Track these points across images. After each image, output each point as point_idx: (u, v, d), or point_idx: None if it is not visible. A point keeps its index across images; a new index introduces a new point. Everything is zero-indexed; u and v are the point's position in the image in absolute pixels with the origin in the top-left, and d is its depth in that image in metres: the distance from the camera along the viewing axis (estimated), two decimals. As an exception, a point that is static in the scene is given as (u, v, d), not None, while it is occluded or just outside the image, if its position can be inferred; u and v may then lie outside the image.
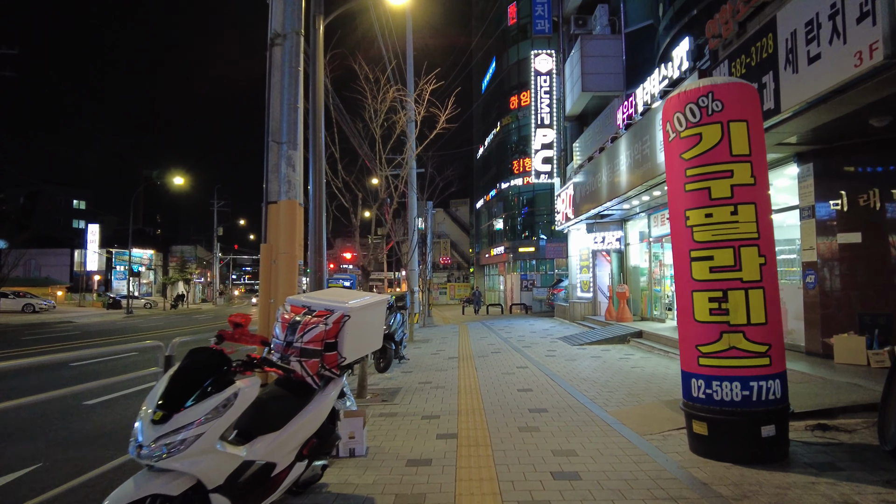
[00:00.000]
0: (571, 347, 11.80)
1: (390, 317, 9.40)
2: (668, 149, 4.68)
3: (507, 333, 15.61)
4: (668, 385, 7.28)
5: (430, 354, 11.32)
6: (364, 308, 3.76)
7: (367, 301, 3.85)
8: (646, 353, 10.45)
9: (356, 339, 3.66)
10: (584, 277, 18.21)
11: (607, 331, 13.21)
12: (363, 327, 3.78)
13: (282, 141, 4.62)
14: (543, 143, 19.48)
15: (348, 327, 3.56)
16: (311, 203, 6.06)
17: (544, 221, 34.39)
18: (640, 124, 10.59)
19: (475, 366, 9.50)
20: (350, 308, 3.59)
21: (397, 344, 9.55)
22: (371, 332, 3.93)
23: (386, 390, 7.51)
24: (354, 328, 3.62)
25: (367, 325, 3.86)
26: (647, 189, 10.97)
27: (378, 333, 4.08)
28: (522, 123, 33.25)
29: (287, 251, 4.59)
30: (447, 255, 52.88)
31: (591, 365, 9.22)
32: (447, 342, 13.66)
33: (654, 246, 14.34)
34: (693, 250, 4.35)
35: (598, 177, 13.65)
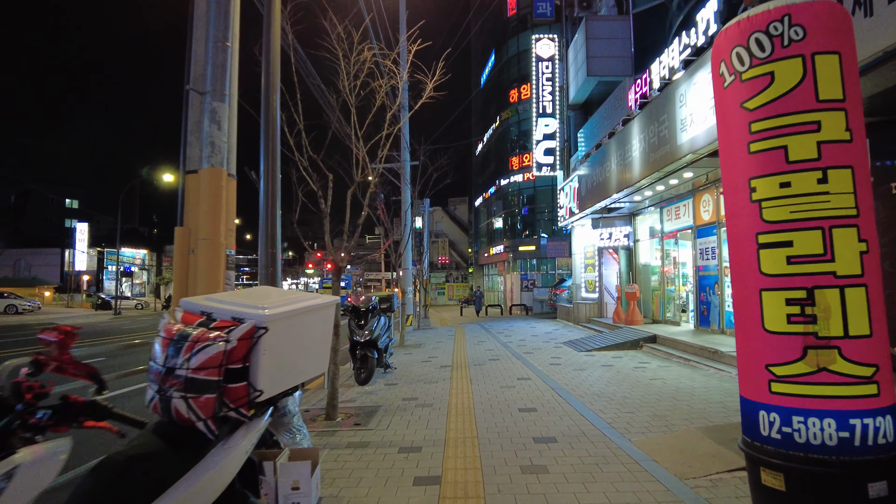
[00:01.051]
0: (578, 354, 10.60)
1: (373, 321, 8.22)
2: (721, 98, 3.48)
3: (507, 337, 14.41)
4: (698, 403, 6.08)
5: (421, 362, 10.12)
6: (293, 316, 2.57)
7: (300, 305, 2.66)
8: (663, 362, 9.26)
9: (280, 363, 2.48)
10: (590, 277, 17.02)
11: (617, 335, 12.01)
12: (293, 344, 2.59)
13: (205, 90, 3.45)
14: (545, 133, 18.30)
15: (265, 345, 2.38)
16: (264, 181, 4.88)
17: (545, 219, 33.20)
18: (657, 103, 9.40)
19: (470, 377, 8.30)
20: (268, 316, 2.40)
21: (380, 352, 8.36)
22: (307, 350, 2.74)
23: (362, 409, 6.31)
24: (276, 346, 2.44)
25: (301, 341, 2.67)
26: (663, 177, 9.78)
27: (321, 352, 2.89)
28: (523, 118, 32.06)
29: (209, 237, 3.43)
30: (445, 255, 51.68)
31: (602, 376, 8.02)
32: (441, 347, 12.47)
33: (666, 242, 13.14)
34: (762, 234, 3.15)
35: (605, 166, 12.46)
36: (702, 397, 6.37)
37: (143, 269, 62.28)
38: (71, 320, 30.78)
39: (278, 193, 4.93)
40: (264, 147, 4.90)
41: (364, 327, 8.11)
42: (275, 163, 4.93)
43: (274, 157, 4.92)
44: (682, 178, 10.05)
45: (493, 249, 38.81)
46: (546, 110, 18.34)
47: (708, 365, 8.28)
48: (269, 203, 4.87)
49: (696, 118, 7.89)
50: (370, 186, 6.38)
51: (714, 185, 10.51)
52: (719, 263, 10.44)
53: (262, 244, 4.84)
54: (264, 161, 4.91)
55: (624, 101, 11.62)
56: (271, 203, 4.87)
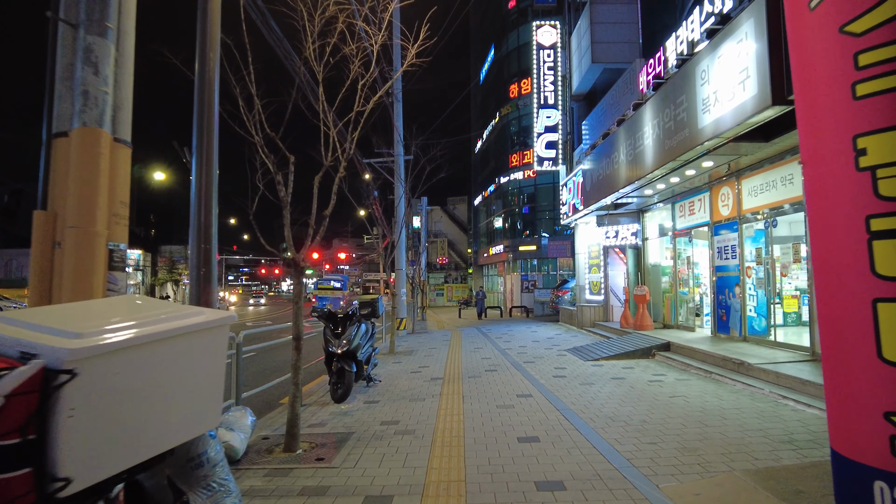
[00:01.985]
0: (584, 363, 9.58)
1: (351, 329, 7.21)
2: (802, 26, 2.46)
3: (506, 343, 13.39)
4: (733, 430, 5.05)
5: (410, 373, 9.10)
6: (137, 346, 1.56)
7: (155, 329, 1.64)
8: (681, 374, 8.23)
9: (112, 427, 1.49)
10: (594, 278, 15.99)
11: (626, 342, 10.99)
12: (141, 393, 1.59)
13: (78, 21, 2.46)
14: (547, 125, 17.27)
15: (75, 400, 1.38)
16: (196, 159, 3.87)
17: (547, 218, 32.18)
18: (674, 83, 8.38)
19: (462, 393, 7.27)
20: (78, 350, 1.40)
21: (360, 364, 7.33)
22: (174, 399, 1.73)
23: (331, 437, 5.29)
24: (102, 400, 1.44)
25: (159, 386, 1.66)
26: (680, 166, 8.75)
27: (203, 400, 1.88)
28: (523, 113, 31.05)
29: (80, 224, 2.42)
30: (444, 255, 50.65)
31: (614, 392, 7.00)
32: (434, 355, 11.44)
33: (679, 240, 12.12)
34: (877, 216, 2.13)
35: (613, 157, 11.43)
36: (736, 422, 5.35)
37: (137, 270, 61.26)
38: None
39: (215, 175, 3.92)
40: (198, 116, 3.90)
41: (341, 336, 7.09)
42: (211, 136, 3.93)
43: (210, 130, 3.92)
44: (700, 169, 9.03)
45: (492, 249, 37.78)
46: (548, 101, 17.31)
47: (734, 379, 7.25)
48: (202, 187, 3.86)
49: (721, 96, 6.87)
50: (340, 170, 5.33)
51: (735, 176, 9.49)
52: (740, 263, 9.42)
53: (192, 238, 3.83)
54: (197, 134, 3.90)
55: (633, 85, 10.60)
56: (205, 187, 3.87)
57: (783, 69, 5.67)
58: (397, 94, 17.31)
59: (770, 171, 8.50)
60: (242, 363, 5.28)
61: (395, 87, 17.44)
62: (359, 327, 7.35)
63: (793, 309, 9.97)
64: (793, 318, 9.98)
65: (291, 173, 5.15)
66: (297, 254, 5.07)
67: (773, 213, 8.55)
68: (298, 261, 5.05)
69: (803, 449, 4.44)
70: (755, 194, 9.00)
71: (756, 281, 9.28)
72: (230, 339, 5.28)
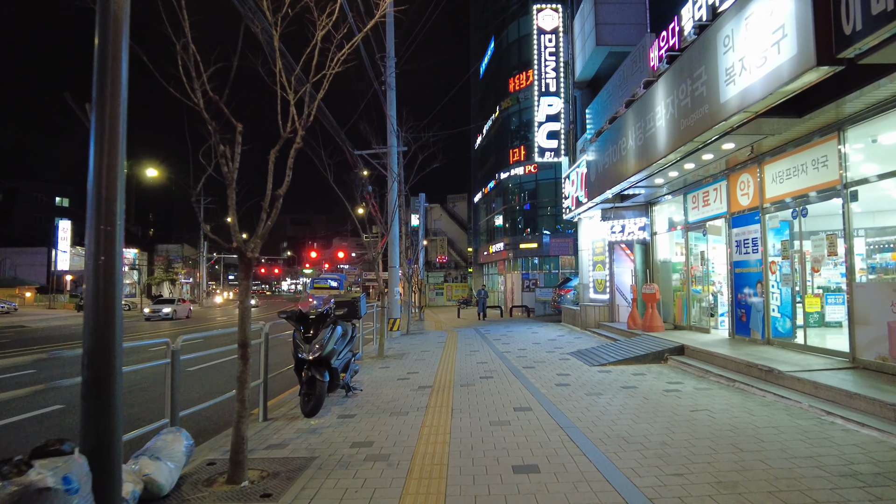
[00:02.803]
0: (590, 369, 8.67)
1: (324, 332, 6.31)
2: None
3: (505, 345, 12.47)
4: (776, 458, 4.14)
5: (397, 380, 8.20)
6: None
7: None
8: (699, 382, 7.31)
9: None
10: (599, 275, 15.08)
11: (635, 344, 10.07)
12: None
13: None
14: (549, 114, 16.33)
15: None
16: (97, 110, 2.98)
17: (548, 215, 31.24)
18: (692, 53, 7.46)
19: (452, 405, 6.37)
20: None
21: (335, 372, 6.43)
22: None
23: (289, 463, 4.39)
24: None
25: None
26: (697, 149, 7.83)
27: None
28: (524, 106, 30.09)
29: None
30: (444, 254, 49.74)
31: (626, 405, 6.09)
32: (426, 358, 10.54)
33: (691, 234, 11.20)
34: None
35: (620, 144, 10.51)
36: (776, 445, 4.43)
37: (133, 269, 60.52)
38: (45, 322, 28.95)
39: (121, 135, 3.02)
40: (99, 58, 3.00)
41: (312, 340, 6.19)
42: (117, 86, 3.03)
43: (116, 77, 3.02)
44: (718, 152, 8.11)
45: (492, 248, 36.86)
46: (549, 88, 16.37)
47: (763, 389, 6.33)
48: (104, 150, 2.97)
49: (750, 62, 5.95)
50: (297, 140, 4.42)
51: (756, 162, 8.57)
52: (763, 258, 8.50)
53: (90, 216, 2.93)
54: (98, 82, 3.00)
55: (643, 63, 9.68)
56: (108, 150, 2.97)
57: (831, 22, 4.75)
58: (390, 81, 16.41)
59: (799, 153, 7.58)
60: (180, 374, 4.38)
61: (388, 74, 16.55)
62: (333, 330, 6.45)
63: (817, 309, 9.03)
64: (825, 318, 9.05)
65: (239, 145, 4.24)
66: (244, 242, 4.17)
67: (802, 202, 7.63)
68: (245, 250, 4.15)
69: (873, 487, 3.53)
70: (780, 181, 8.08)
71: (781, 277, 8.36)
72: (164, 345, 4.38)
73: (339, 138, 14.60)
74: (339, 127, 14.20)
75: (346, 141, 15.00)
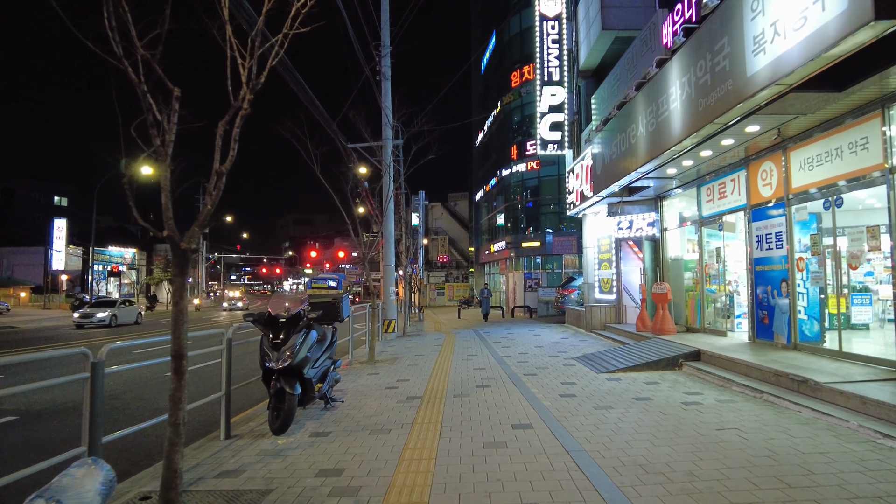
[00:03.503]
0: (598, 377, 7.87)
1: (295, 337, 5.53)
2: None
3: (505, 348, 11.68)
4: (836, 498, 3.34)
5: (384, 389, 7.42)
6: None
7: None
8: (721, 392, 6.52)
9: None
10: (605, 274, 14.27)
11: (646, 349, 9.27)
12: None
13: None
14: (552, 104, 15.53)
15: None
16: None
17: (551, 212, 30.44)
18: (712, 24, 6.65)
19: (442, 420, 5.59)
20: None
21: (307, 384, 5.64)
22: None
23: (236, 499, 3.61)
24: None
25: None
26: (717, 132, 7.03)
27: None
28: (526, 101, 29.27)
29: None
30: (445, 253, 48.96)
31: (641, 421, 5.29)
32: (420, 363, 9.76)
33: (705, 230, 10.40)
34: None
35: (630, 131, 9.72)
36: (833, 480, 3.64)
37: (132, 269, 59.90)
38: (36, 323, 28.27)
39: None
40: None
41: (281, 347, 5.42)
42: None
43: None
44: (741, 136, 7.32)
45: (494, 246, 36.06)
46: (552, 78, 15.56)
47: (797, 403, 5.53)
48: None
49: (784, 26, 5.15)
50: (244, 106, 3.63)
51: (780, 148, 7.77)
52: (789, 254, 7.69)
53: None
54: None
55: (654, 41, 8.88)
56: None
57: (892, -35, 3.95)
58: (385, 71, 15.63)
59: (832, 136, 6.77)
60: (102, 392, 3.61)
61: (383, 64, 15.77)
62: (307, 335, 5.67)
63: (855, 311, 8.21)
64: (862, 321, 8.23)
65: (175, 112, 3.47)
66: (177, 232, 3.39)
67: (835, 191, 6.82)
68: (178, 241, 3.37)
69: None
70: (809, 168, 7.27)
71: (810, 276, 7.55)
72: (81, 356, 3.59)
73: (329, 129, 13.83)
74: (330, 118, 13.43)
75: (338, 133, 14.22)
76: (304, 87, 10.78)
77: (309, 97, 11.36)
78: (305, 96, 10.90)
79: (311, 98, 11.15)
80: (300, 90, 10.64)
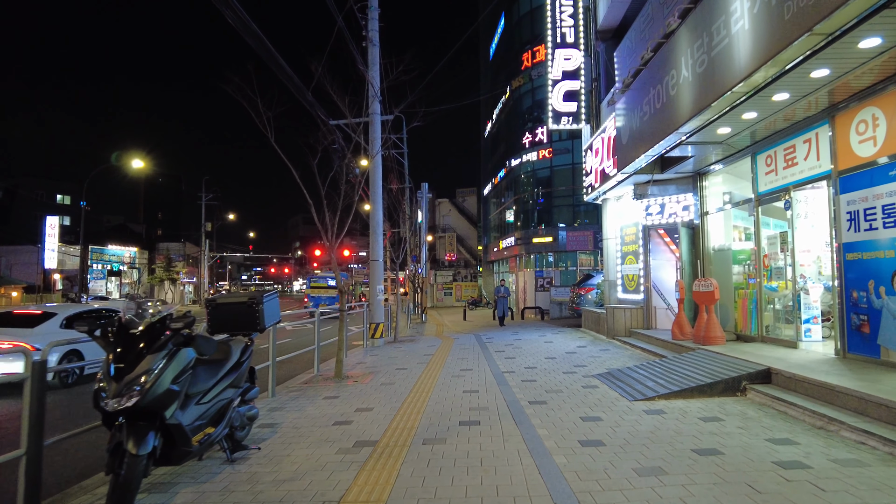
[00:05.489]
0: (632, 407, 5.66)
1: (153, 360, 3.40)
2: None
3: (509, 360, 9.48)
4: None
5: (331, 425, 5.28)
6: None
7: None
8: (825, 441, 4.28)
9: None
10: (630, 270, 12.01)
11: (689, 364, 7.03)
12: None
13: None
14: (566, 70, 13.28)
15: None
16: None
17: (564, 205, 28.10)
18: None
19: (389, 499, 3.42)
20: None
21: (175, 433, 3.49)
22: None
23: None
24: None
25: None
26: (821, 43, 4.76)
27: None
28: (537, 84, 26.98)
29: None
30: (453, 251, 46.75)
31: (716, 497, 3.08)
32: (397, 381, 7.62)
33: (764, 211, 8.15)
34: None
35: (667, 82, 7.49)
36: None
37: (133, 268, 58.50)
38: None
39: None
40: None
41: (126, 373, 3.32)
42: None
43: None
44: (846, 58, 5.06)
45: (503, 243, 33.78)
46: (566, 39, 13.33)
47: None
48: None
49: None
50: None
51: (891, 85, 5.50)
52: (906, 235, 5.42)
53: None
54: None
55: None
56: None
57: None
58: (373, 35, 13.51)
59: None
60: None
61: (370, 28, 13.66)
62: (172, 356, 3.52)
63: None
64: None
65: None
66: None
67: None
68: None
69: None
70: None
71: (941, 265, 5.27)
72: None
73: (304, 100, 11.73)
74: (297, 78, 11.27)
75: (315, 104, 12.08)
76: (257, 36, 8.68)
77: (263, 45, 9.24)
78: (258, 42, 8.79)
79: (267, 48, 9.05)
80: (251, 37, 8.54)
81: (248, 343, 4.70)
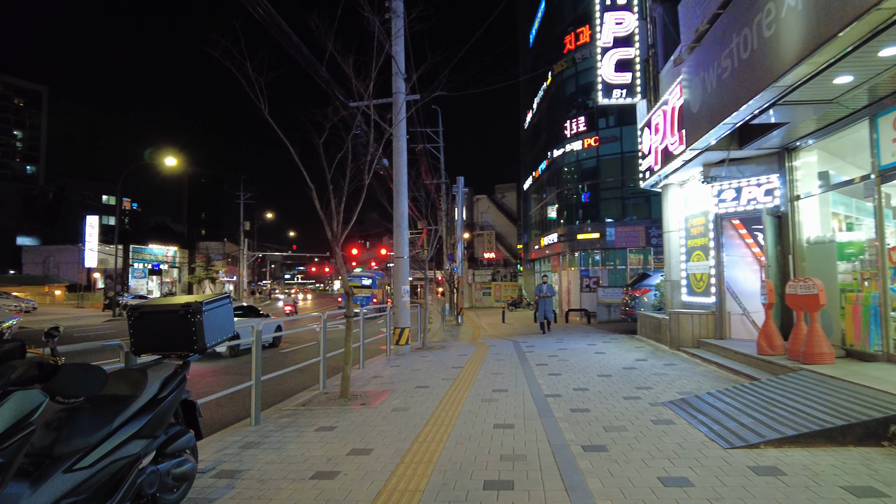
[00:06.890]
0: (730, 458, 3.99)
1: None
2: None
3: (554, 377, 7.86)
4: None
5: (307, 479, 3.82)
6: None
7: None
8: None
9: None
10: (698, 268, 10.16)
11: (794, 391, 5.27)
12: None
13: None
14: (617, 35, 11.48)
15: None
16: None
17: (613, 198, 26.04)
18: None
19: None
20: None
21: None
22: None
23: None
24: None
25: None
26: None
27: None
28: (581, 68, 25.10)
29: None
30: (492, 249, 45.06)
31: None
32: (413, 406, 6.14)
33: (886, 188, 6.29)
34: None
35: (759, 21, 5.76)
36: None
37: (173, 267, 59.21)
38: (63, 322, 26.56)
39: None
40: None
41: None
42: None
43: None
44: None
45: (544, 240, 31.92)
46: (617, 1, 11.56)
47: None
48: None
49: None
50: None
51: None
52: None
53: None
54: None
55: None
56: None
57: None
58: (397, 5, 12.06)
59: None
60: None
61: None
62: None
63: None
64: None
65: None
66: None
67: None
68: None
69: None
70: None
71: None
72: None
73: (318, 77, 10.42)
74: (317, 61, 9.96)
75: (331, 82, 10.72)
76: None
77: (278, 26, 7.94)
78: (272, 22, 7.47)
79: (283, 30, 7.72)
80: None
81: (177, 369, 3.30)
